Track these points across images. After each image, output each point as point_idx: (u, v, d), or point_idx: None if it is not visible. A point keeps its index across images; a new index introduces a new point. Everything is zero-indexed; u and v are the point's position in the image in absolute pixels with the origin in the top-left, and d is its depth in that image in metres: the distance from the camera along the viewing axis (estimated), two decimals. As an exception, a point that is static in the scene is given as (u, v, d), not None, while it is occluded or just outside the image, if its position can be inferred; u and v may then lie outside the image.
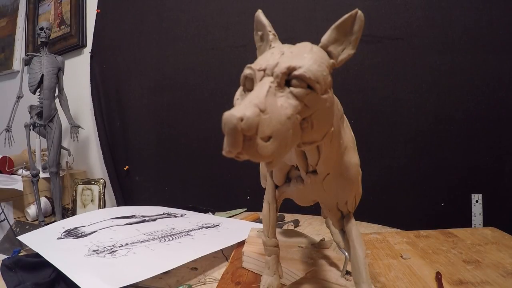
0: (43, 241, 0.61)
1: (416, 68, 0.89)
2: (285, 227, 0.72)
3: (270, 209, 0.38)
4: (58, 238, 0.62)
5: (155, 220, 0.77)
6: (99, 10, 1.34)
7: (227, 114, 0.17)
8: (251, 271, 0.51)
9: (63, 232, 0.65)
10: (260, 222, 0.77)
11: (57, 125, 1.18)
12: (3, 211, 1.04)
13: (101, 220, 0.73)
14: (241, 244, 0.59)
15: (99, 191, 1.25)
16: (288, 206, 0.55)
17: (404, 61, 0.90)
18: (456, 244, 0.59)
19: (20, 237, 0.64)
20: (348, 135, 0.30)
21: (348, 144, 0.30)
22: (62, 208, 1.19)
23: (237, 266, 0.53)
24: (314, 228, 0.77)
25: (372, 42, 0.90)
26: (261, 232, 0.44)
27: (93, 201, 1.25)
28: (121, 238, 0.62)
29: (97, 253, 0.55)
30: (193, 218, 0.81)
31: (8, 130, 1.14)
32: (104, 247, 0.57)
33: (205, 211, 0.93)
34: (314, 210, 0.50)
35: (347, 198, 0.31)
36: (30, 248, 0.59)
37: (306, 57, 0.20)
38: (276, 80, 0.19)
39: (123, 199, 1.27)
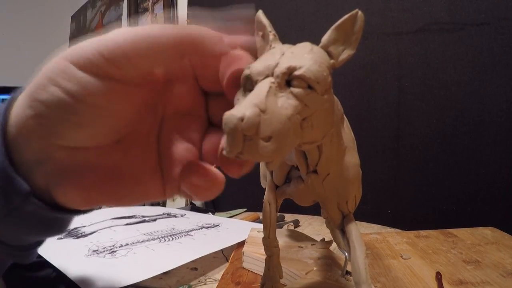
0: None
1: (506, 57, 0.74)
2: (285, 227, 0.72)
3: (270, 209, 0.37)
4: (58, 238, 0.62)
5: (155, 220, 0.77)
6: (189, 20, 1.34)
7: (227, 114, 0.17)
8: (251, 271, 0.51)
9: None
10: (260, 222, 0.77)
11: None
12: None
13: (101, 220, 0.73)
14: (241, 244, 0.59)
15: (99, 191, 1.25)
16: (288, 206, 0.55)
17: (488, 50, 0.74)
18: (456, 244, 0.59)
19: (20, 237, 0.64)
20: (348, 135, 0.30)
21: (348, 144, 0.30)
22: (62, 208, 1.19)
23: (237, 266, 0.53)
24: (314, 228, 0.77)
25: (454, 30, 0.76)
26: (261, 232, 0.44)
27: (93, 201, 1.25)
28: (121, 238, 0.62)
29: (97, 253, 0.55)
30: (193, 218, 0.81)
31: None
32: (104, 247, 0.57)
33: (205, 211, 0.93)
34: (314, 210, 0.50)
35: (347, 198, 0.31)
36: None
37: (307, 58, 0.20)
38: (277, 80, 0.19)
39: (123, 199, 1.27)
